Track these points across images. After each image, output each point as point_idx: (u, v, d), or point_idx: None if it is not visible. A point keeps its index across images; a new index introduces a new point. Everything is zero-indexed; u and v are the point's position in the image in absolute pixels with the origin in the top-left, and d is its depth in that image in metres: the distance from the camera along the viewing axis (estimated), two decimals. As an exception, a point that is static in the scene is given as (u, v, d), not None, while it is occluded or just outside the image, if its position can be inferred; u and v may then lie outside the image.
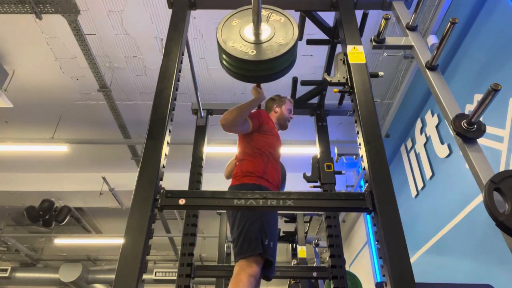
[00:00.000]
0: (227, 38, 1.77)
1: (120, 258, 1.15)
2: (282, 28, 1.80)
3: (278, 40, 1.74)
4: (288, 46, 1.71)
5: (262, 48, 1.72)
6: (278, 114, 2.45)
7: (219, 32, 1.80)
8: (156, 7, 4.28)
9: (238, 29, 1.81)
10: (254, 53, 1.70)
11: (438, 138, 3.97)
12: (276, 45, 1.72)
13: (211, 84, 5.35)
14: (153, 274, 9.80)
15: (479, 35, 3.38)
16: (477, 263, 3.16)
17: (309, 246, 5.01)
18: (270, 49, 1.71)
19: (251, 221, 1.90)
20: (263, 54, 1.70)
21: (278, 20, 1.84)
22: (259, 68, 1.75)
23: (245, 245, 1.84)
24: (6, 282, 9.91)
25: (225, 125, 2.05)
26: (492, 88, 1.31)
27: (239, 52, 1.70)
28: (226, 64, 1.81)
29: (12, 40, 4.74)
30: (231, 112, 2.06)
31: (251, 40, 1.75)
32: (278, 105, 2.48)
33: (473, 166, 1.38)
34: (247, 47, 1.72)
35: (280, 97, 2.54)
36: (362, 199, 1.32)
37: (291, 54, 1.77)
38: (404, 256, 1.15)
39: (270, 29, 1.79)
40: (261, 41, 1.74)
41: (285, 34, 1.77)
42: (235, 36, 1.78)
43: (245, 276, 1.76)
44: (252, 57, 1.69)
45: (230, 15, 1.89)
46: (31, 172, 7.25)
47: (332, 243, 2.43)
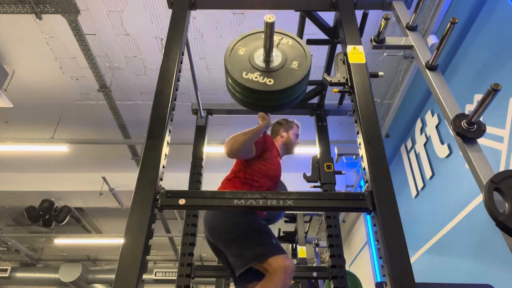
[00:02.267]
0: (238, 69, 1.66)
1: (120, 258, 1.15)
2: (292, 52, 1.70)
3: (293, 65, 1.64)
4: (305, 70, 1.62)
5: (278, 75, 1.62)
6: (284, 139, 2.36)
7: (227, 63, 1.69)
8: (156, 7, 4.28)
9: (247, 57, 1.69)
10: (272, 82, 1.60)
11: (438, 138, 3.97)
12: (293, 71, 1.62)
13: (211, 84, 5.35)
14: (153, 274, 9.81)
15: (479, 35, 3.38)
16: (477, 263, 3.16)
17: (309, 246, 5.01)
18: (287, 76, 1.61)
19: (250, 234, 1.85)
20: (282, 82, 1.60)
21: (286, 43, 1.74)
22: (276, 98, 1.64)
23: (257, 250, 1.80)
24: (6, 282, 9.92)
25: (229, 153, 1.95)
26: (492, 88, 1.31)
27: (255, 83, 1.59)
28: (238, 95, 1.70)
29: (12, 40, 4.74)
30: (236, 140, 1.95)
31: (264, 68, 1.65)
32: (285, 129, 2.38)
33: (473, 166, 1.38)
34: (263, 77, 1.61)
35: (287, 121, 2.44)
36: (362, 199, 1.32)
37: (307, 77, 1.68)
38: (404, 256, 1.15)
39: (280, 54, 1.69)
40: (275, 68, 1.64)
41: (296, 57, 1.68)
42: (246, 65, 1.67)
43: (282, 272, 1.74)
44: (271, 87, 1.59)
45: (234, 43, 1.78)
46: (31, 172, 7.25)
47: (332, 243, 2.43)
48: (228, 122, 5.88)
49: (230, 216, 1.90)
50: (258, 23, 4.87)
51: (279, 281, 1.71)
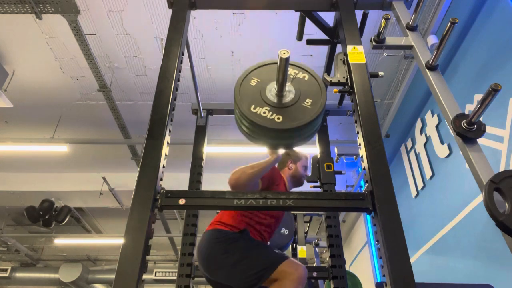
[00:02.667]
0: (247, 101, 1.56)
1: (120, 258, 1.15)
2: (307, 88, 1.59)
3: (306, 103, 1.53)
4: (318, 109, 1.51)
5: (288, 113, 1.50)
6: (292, 172, 2.27)
7: (237, 93, 1.60)
8: (156, 7, 4.28)
9: (259, 89, 1.58)
10: (281, 119, 1.48)
11: (438, 138, 3.97)
12: (304, 109, 1.51)
13: (211, 84, 5.35)
14: (153, 274, 9.81)
15: (479, 35, 3.38)
16: (477, 263, 3.16)
17: (309, 246, 5.01)
18: (298, 114, 1.49)
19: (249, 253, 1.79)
20: (291, 120, 1.48)
21: (302, 78, 1.64)
22: (284, 136, 1.53)
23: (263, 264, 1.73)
24: (6, 282, 9.92)
25: (234, 187, 1.81)
26: (492, 88, 1.31)
27: (262, 119, 1.47)
28: (245, 129, 1.59)
29: (12, 40, 4.74)
30: (243, 173, 1.82)
31: (274, 103, 1.53)
32: (293, 161, 2.30)
33: (473, 166, 1.38)
34: (272, 113, 1.49)
35: (295, 152, 2.35)
36: (362, 199, 1.32)
37: (320, 117, 1.57)
38: (404, 256, 1.15)
39: (294, 89, 1.57)
40: (286, 105, 1.52)
41: (311, 94, 1.57)
42: (256, 98, 1.56)
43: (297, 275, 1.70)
44: (278, 125, 1.47)
45: (247, 72, 1.67)
46: (31, 172, 7.25)
47: (332, 243, 2.43)
48: (228, 122, 5.88)
49: (221, 247, 1.82)
50: (258, 23, 4.88)
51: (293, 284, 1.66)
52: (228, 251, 1.80)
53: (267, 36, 4.61)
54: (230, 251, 1.80)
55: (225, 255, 1.80)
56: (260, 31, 4.56)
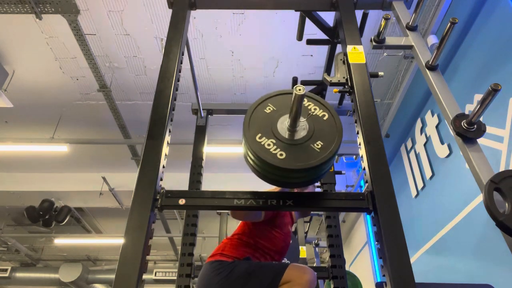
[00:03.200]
0: (255, 129, 1.40)
1: (120, 258, 1.15)
2: (322, 127, 1.43)
3: (316, 144, 1.37)
4: (327, 154, 1.35)
5: (294, 151, 1.35)
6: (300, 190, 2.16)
7: (247, 116, 1.44)
8: (156, 7, 4.28)
9: (271, 119, 1.44)
10: (283, 156, 1.33)
11: (438, 138, 3.97)
12: (312, 151, 1.36)
13: (211, 84, 5.35)
14: (153, 274, 9.81)
15: (479, 35, 3.38)
16: (477, 263, 3.16)
17: (309, 246, 5.02)
18: (304, 155, 1.35)
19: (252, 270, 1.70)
20: (294, 160, 1.33)
21: (320, 116, 1.46)
22: (289, 176, 1.38)
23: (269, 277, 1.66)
24: (6, 282, 9.92)
25: (233, 215, 1.77)
26: (492, 88, 1.31)
27: (263, 151, 1.34)
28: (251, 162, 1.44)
29: (12, 40, 4.74)
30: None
31: (283, 137, 1.39)
32: (301, 190, 2.16)
33: (473, 166, 1.38)
34: (276, 147, 1.35)
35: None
36: (362, 199, 1.32)
37: (330, 162, 1.40)
38: (404, 256, 1.15)
39: (308, 127, 1.42)
40: (295, 142, 1.38)
41: (324, 136, 1.40)
42: (265, 127, 1.41)
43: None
44: (278, 162, 1.31)
45: (266, 97, 1.51)
46: (31, 172, 7.25)
47: (332, 243, 2.43)
48: (228, 122, 5.89)
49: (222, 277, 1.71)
50: (258, 23, 4.88)
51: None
52: (229, 278, 1.68)
53: (267, 36, 4.61)
54: (231, 278, 1.68)
55: (227, 284, 1.68)
56: (260, 31, 4.56)
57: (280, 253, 1.98)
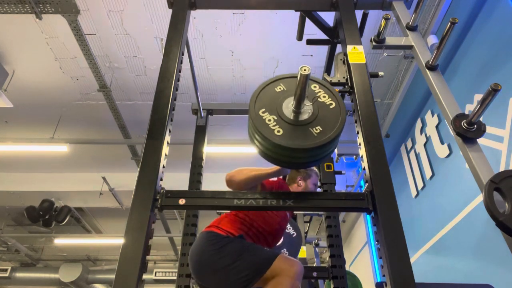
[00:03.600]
0: (261, 104, 1.45)
1: (120, 258, 1.15)
2: (326, 113, 1.45)
3: (315, 129, 1.40)
4: (324, 140, 1.37)
5: (292, 130, 1.39)
6: (301, 188, 2.22)
7: (257, 91, 1.49)
8: (156, 7, 4.28)
9: (279, 98, 1.48)
10: (280, 133, 1.37)
11: (438, 138, 3.97)
12: (309, 134, 1.39)
13: (211, 84, 5.35)
14: (153, 274, 9.81)
15: (479, 35, 3.38)
16: (477, 263, 3.16)
17: (309, 246, 5.01)
18: (299, 136, 1.38)
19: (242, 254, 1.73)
20: (289, 139, 1.36)
21: (328, 104, 1.49)
22: (283, 153, 1.41)
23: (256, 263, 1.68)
24: (6, 282, 9.92)
25: (228, 182, 1.81)
26: (492, 88, 1.31)
27: (262, 125, 1.39)
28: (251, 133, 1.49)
29: (12, 40, 4.74)
30: (242, 172, 1.81)
31: (286, 116, 1.42)
32: (302, 178, 2.23)
33: (473, 166, 1.38)
34: (275, 124, 1.40)
35: (306, 169, 2.25)
36: (362, 199, 1.32)
37: (327, 148, 1.43)
38: (404, 256, 1.15)
39: (312, 111, 1.44)
40: (294, 122, 1.41)
41: (325, 122, 1.42)
42: (271, 104, 1.46)
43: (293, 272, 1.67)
44: (274, 137, 1.36)
45: (279, 77, 1.56)
46: (31, 172, 7.25)
47: (332, 243, 2.43)
48: (228, 122, 5.89)
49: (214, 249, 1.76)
50: (258, 23, 4.88)
51: (288, 284, 1.63)
52: (221, 253, 1.74)
53: (267, 36, 4.61)
54: (223, 253, 1.73)
55: (217, 257, 1.74)
56: (260, 31, 4.56)
57: (274, 236, 2.00)
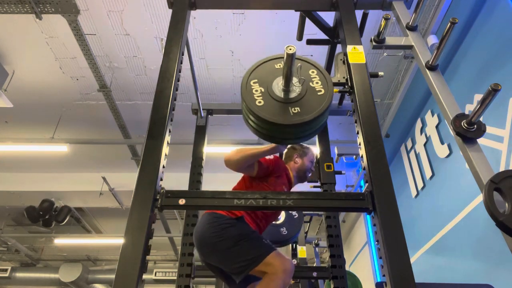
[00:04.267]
0: (256, 74, 1.56)
1: (120, 258, 1.15)
2: (313, 90, 1.55)
3: (293, 109, 1.49)
4: (311, 116, 1.46)
5: (273, 104, 1.48)
6: (298, 165, 2.28)
7: (259, 62, 1.59)
8: (156, 7, 4.28)
9: (275, 73, 1.57)
10: (261, 104, 1.49)
11: (438, 138, 3.97)
12: (300, 111, 1.47)
13: (211, 84, 5.35)
14: (153, 274, 9.81)
15: (479, 35, 3.38)
16: (477, 263, 3.16)
17: (309, 246, 5.01)
18: (290, 113, 1.46)
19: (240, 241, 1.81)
20: (266, 111, 1.46)
21: (317, 90, 1.57)
22: (255, 121, 1.50)
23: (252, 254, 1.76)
24: (6, 282, 9.92)
25: (227, 162, 1.90)
26: (492, 88, 1.31)
27: (248, 93, 1.49)
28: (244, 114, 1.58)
29: (12, 40, 4.74)
30: (239, 152, 1.90)
31: (273, 91, 1.52)
32: (299, 155, 2.31)
33: (473, 166, 1.38)
34: (260, 95, 1.50)
35: (302, 147, 2.36)
36: (362, 199, 1.32)
37: (318, 121, 1.51)
38: (404, 256, 1.15)
39: (299, 93, 1.52)
40: (278, 98, 1.50)
41: (314, 98, 1.52)
42: (265, 77, 1.56)
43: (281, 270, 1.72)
44: (252, 106, 1.47)
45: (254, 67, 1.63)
46: (31, 172, 7.25)
47: (332, 243, 2.43)
48: (228, 122, 5.88)
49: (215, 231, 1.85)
50: (258, 23, 4.87)
51: (279, 280, 1.69)
52: (221, 236, 1.82)
53: (267, 36, 4.60)
54: (223, 236, 1.82)
55: (218, 239, 1.82)
56: (260, 31, 4.56)
57: (272, 212, 2.09)
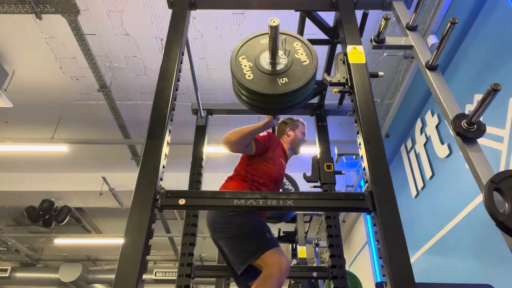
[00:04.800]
0: (244, 50, 1.66)
1: (120, 258, 1.15)
2: (299, 60, 1.67)
3: (281, 79, 1.60)
4: (299, 84, 1.58)
5: (261, 77, 1.60)
6: (291, 138, 2.38)
7: (246, 39, 1.68)
8: (156, 7, 4.28)
9: (261, 48, 1.68)
10: (250, 78, 1.61)
11: (438, 138, 3.97)
12: (289, 81, 1.59)
13: (211, 84, 5.35)
14: (153, 274, 9.81)
15: (479, 35, 3.38)
16: (477, 263, 3.16)
17: (309, 246, 5.01)
18: (281, 83, 1.58)
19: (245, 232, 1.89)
20: (256, 84, 1.58)
21: (302, 60, 1.69)
22: (265, 101, 1.62)
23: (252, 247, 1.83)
24: (6, 282, 9.92)
25: (225, 145, 1.99)
26: (492, 88, 1.31)
27: (238, 68, 1.61)
28: (236, 89, 1.70)
29: (12, 40, 4.74)
30: (235, 133, 1.99)
31: (260, 64, 1.63)
32: (291, 128, 2.40)
33: (473, 166, 1.38)
34: (249, 69, 1.61)
35: (292, 120, 2.46)
36: (362, 199, 1.32)
37: (303, 91, 1.62)
38: (404, 256, 1.15)
39: (286, 64, 1.64)
40: (275, 72, 1.61)
41: (301, 68, 1.64)
42: (252, 52, 1.67)
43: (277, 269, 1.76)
44: (243, 80, 1.59)
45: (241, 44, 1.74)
46: (31, 172, 7.25)
47: (332, 243, 2.43)
48: (228, 122, 5.88)
49: (228, 215, 1.94)
50: (258, 23, 4.88)
51: (274, 278, 1.71)
52: (229, 223, 1.90)
53: (267, 36, 4.60)
54: (230, 223, 1.90)
55: (226, 226, 1.92)
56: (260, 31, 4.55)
57: (275, 183, 2.17)
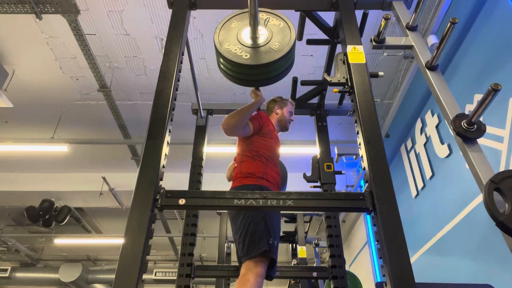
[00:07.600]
0: (223, 40, 1.78)
1: (120, 258, 1.15)
2: (279, 33, 1.79)
3: (274, 45, 1.74)
4: (283, 52, 1.71)
5: (257, 52, 1.72)
6: (279, 116, 2.46)
7: (216, 33, 1.80)
8: (156, 7, 4.28)
9: (236, 31, 1.80)
10: (248, 56, 1.70)
11: (438, 138, 3.97)
12: (272, 50, 1.72)
13: (211, 84, 5.35)
14: (153, 274, 9.80)
15: (479, 35, 3.38)
16: (477, 263, 3.16)
17: (309, 246, 5.01)
18: (265, 54, 1.71)
19: (255, 222, 1.89)
20: (258, 58, 1.70)
21: (277, 25, 1.83)
22: (254, 72, 1.75)
23: (250, 246, 1.84)
24: (6, 282, 9.91)
25: (227, 130, 2.05)
26: (492, 88, 1.31)
27: (233, 55, 1.70)
28: (222, 66, 1.81)
29: (12, 40, 4.74)
30: (232, 116, 2.06)
31: (248, 43, 1.75)
32: (279, 106, 2.48)
33: (473, 166, 1.38)
34: (242, 51, 1.72)
35: (281, 98, 2.53)
36: (362, 199, 1.32)
37: (287, 59, 1.75)
38: (404, 256, 1.15)
39: (267, 33, 1.78)
40: (258, 45, 1.74)
41: (281, 39, 1.77)
42: (232, 38, 1.78)
43: (252, 276, 1.75)
44: (245, 61, 1.69)
45: (230, 17, 1.88)
46: (31, 172, 7.25)
47: (332, 243, 2.43)
48: (228, 122, 5.87)
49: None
50: (258, 23, 4.77)
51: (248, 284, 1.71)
52: (242, 213, 1.95)
53: (267, 36, 4.60)
54: (242, 213, 1.95)
55: (237, 214, 1.98)
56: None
57: (277, 154, 2.27)
